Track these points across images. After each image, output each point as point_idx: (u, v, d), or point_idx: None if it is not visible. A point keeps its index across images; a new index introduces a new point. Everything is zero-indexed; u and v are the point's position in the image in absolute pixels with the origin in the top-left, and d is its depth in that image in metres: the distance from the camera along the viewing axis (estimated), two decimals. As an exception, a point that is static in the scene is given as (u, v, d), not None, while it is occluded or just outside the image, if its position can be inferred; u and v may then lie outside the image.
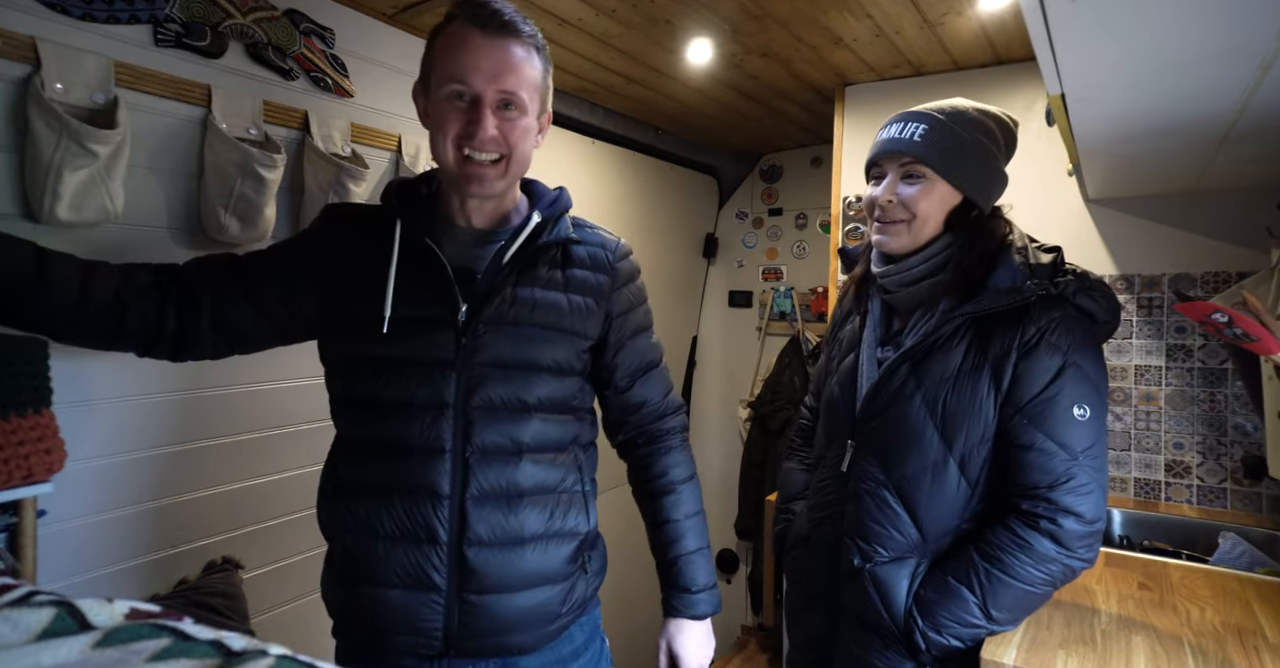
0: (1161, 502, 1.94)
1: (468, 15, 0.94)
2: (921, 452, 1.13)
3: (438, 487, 0.97)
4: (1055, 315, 1.08)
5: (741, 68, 2.18)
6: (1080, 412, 1.05)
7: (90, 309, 0.93)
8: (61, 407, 1.16)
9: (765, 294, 3.46)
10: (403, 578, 0.97)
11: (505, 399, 1.00)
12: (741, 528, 3.29)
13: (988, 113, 1.16)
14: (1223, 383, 1.89)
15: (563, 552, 1.05)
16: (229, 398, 1.55)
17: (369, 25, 1.75)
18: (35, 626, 0.43)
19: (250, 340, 1.07)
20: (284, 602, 1.65)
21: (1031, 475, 1.06)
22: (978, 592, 1.07)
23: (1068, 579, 1.07)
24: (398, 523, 0.98)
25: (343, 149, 1.66)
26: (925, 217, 1.13)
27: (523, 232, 1.03)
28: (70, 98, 1.21)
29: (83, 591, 1.29)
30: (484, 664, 1.03)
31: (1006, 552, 1.06)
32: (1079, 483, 1.04)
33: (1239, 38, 0.83)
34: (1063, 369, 1.06)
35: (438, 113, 0.97)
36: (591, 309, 1.08)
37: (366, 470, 1.01)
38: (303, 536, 1.70)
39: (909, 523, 1.14)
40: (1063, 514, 1.03)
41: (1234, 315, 1.07)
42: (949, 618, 1.08)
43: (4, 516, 1.11)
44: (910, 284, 1.18)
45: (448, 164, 0.98)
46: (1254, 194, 1.84)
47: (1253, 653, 1.08)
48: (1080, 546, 1.04)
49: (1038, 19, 0.80)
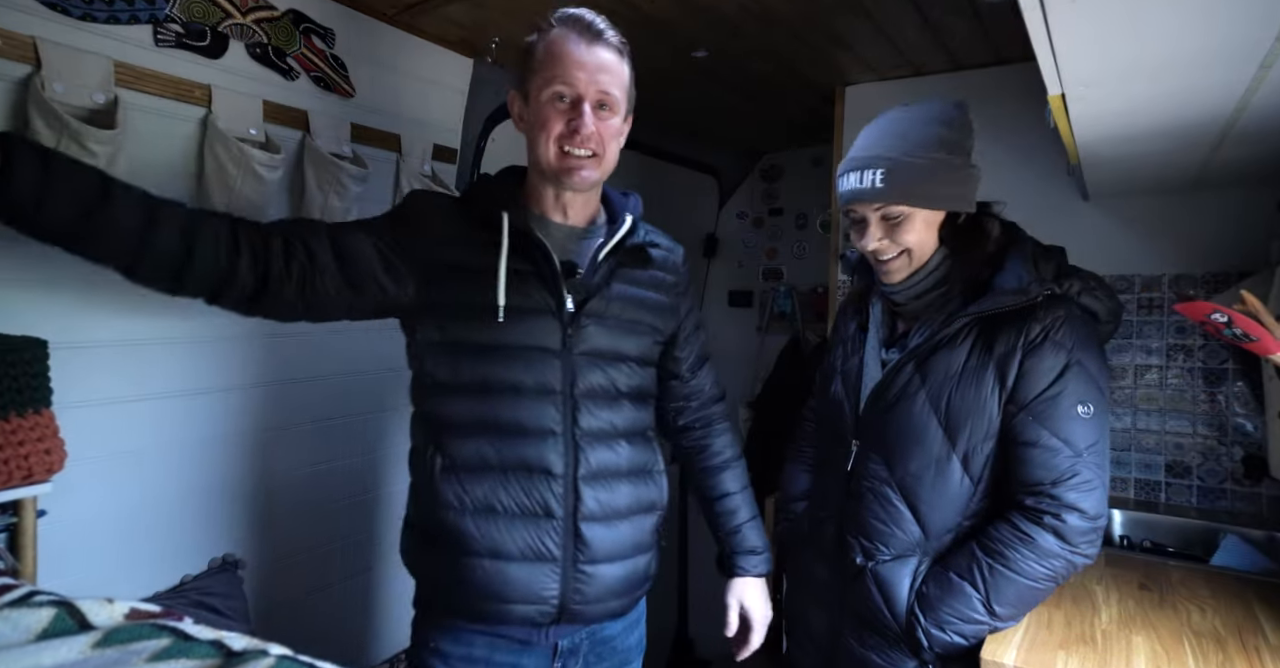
0: (1162, 502, 1.94)
1: (564, 26, 1.06)
2: (925, 449, 1.15)
3: (552, 466, 1.07)
4: (1060, 314, 1.09)
5: (742, 68, 2.18)
6: (1084, 409, 1.07)
7: (157, 242, 0.90)
8: (61, 407, 1.16)
9: (765, 294, 3.46)
10: (522, 551, 1.05)
11: (604, 387, 1.11)
12: (742, 528, 3.29)
13: (934, 116, 1.15)
14: (1223, 383, 1.89)
15: (650, 524, 1.18)
16: (229, 398, 1.55)
17: (369, 25, 1.75)
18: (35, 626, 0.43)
19: (328, 310, 1.08)
20: (284, 602, 1.65)
21: (1035, 472, 1.07)
22: (981, 587, 1.08)
23: (1069, 574, 1.08)
24: (515, 500, 1.06)
25: (343, 149, 1.67)
26: (919, 246, 1.16)
27: (619, 231, 1.14)
28: (70, 98, 1.21)
29: (83, 591, 1.29)
30: (583, 631, 1.16)
31: (1010, 547, 1.07)
32: (1082, 480, 1.05)
33: (1239, 37, 0.83)
34: (1067, 367, 1.07)
35: (539, 114, 1.07)
36: (667, 307, 1.22)
37: (479, 450, 1.06)
38: (304, 534, 1.70)
39: (911, 521, 1.16)
40: (1066, 510, 1.05)
41: (1233, 316, 1.07)
42: (951, 614, 1.09)
43: (4, 516, 1.11)
44: (918, 297, 1.20)
45: (549, 160, 1.07)
46: (1254, 194, 1.83)
47: (1253, 654, 1.08)
48: (1083, 541, 1.05)
49: (1038, 18, 0.80)
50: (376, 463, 1.88)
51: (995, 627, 1.10)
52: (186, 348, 1.47)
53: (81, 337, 1.30)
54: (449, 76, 1.98)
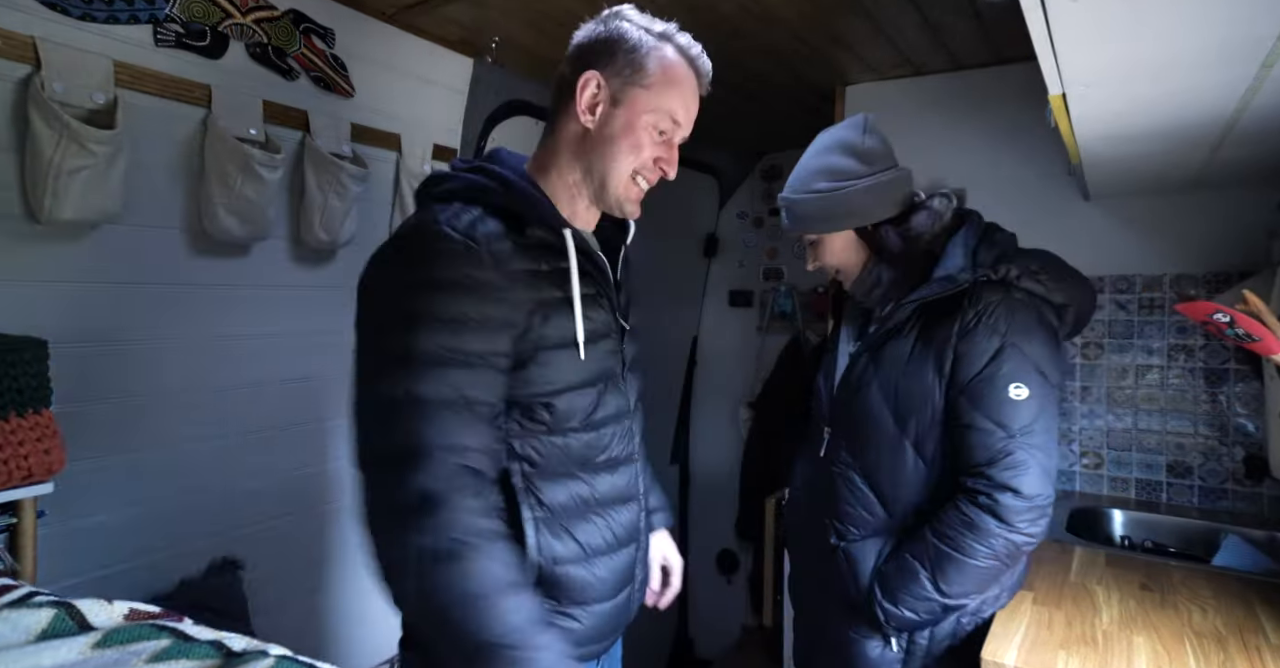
0: (1163, 502, 1.94)
1: (687, 56, 0.98)
2: (881, 435, 1.21)
3: (637, 491, 1.03)
4: (994, 300, 1.13)
5: (742, 68, 2.18)
6: (1018, 392, 1.10)
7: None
8: (61, 407, 1.16)
9: (765, 294, 3.46)
10: (616, 585, 0.99)
11: (641, 398, 1.08)
12: (741, 528, 3.29)
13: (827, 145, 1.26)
14: (1224, 383, 1.89)
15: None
16: (229, 397, 1.55)
17: (369, 25, 1.75)
18: (35, 626, 0.43)
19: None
20: (284, 602, 1.65)
21: (973, 454, 1.12)
22: (928, 566, 1.13)
23: (1014, 553, 1.11)
24: (615, 535, 0.98)
25: (343, 149, 1.67)
26: (842, 262, 1.30)
27: (629, 235, 1.09)
28: (70, 98, 1.21)
29: (83, 591, 1.29)
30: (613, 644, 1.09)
31: (952, 528, 1.11)
32: (1016, 460, 1.08)
33: (1239, 37, 0.83)
34: (1000, 350, 1.11)
35: (633, 134, 0.95)
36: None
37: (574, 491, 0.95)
38: (303, 535, 1.70)
39: (876, 503, 1.22)
40: (999, 490, 1.08)
41: (1235, 316, 1.07)
42: (904, 592, 1.15)
43: (4, 516, 1.11)
44: (868, 294, 1.31)
45: (617, 182, 0.96)
46: (1254, 194, 1.83)
47: (1254, 654, 1.08)
48: (1020, 520, 1.08)
49: (1038, 18, 0.80)
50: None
51: (947, 605, 1.13)
52: (187, 348, 1.47)
53: (81, 337, 1.30)
54: (449, 76, 1.98)
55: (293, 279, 1.68)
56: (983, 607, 1.20)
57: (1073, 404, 2.04)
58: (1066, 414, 2.04)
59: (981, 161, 2.14)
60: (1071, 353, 2.03)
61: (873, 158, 1.23)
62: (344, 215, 1.67)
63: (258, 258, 1.59)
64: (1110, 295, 2.00)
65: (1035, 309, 1.14)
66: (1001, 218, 1.31)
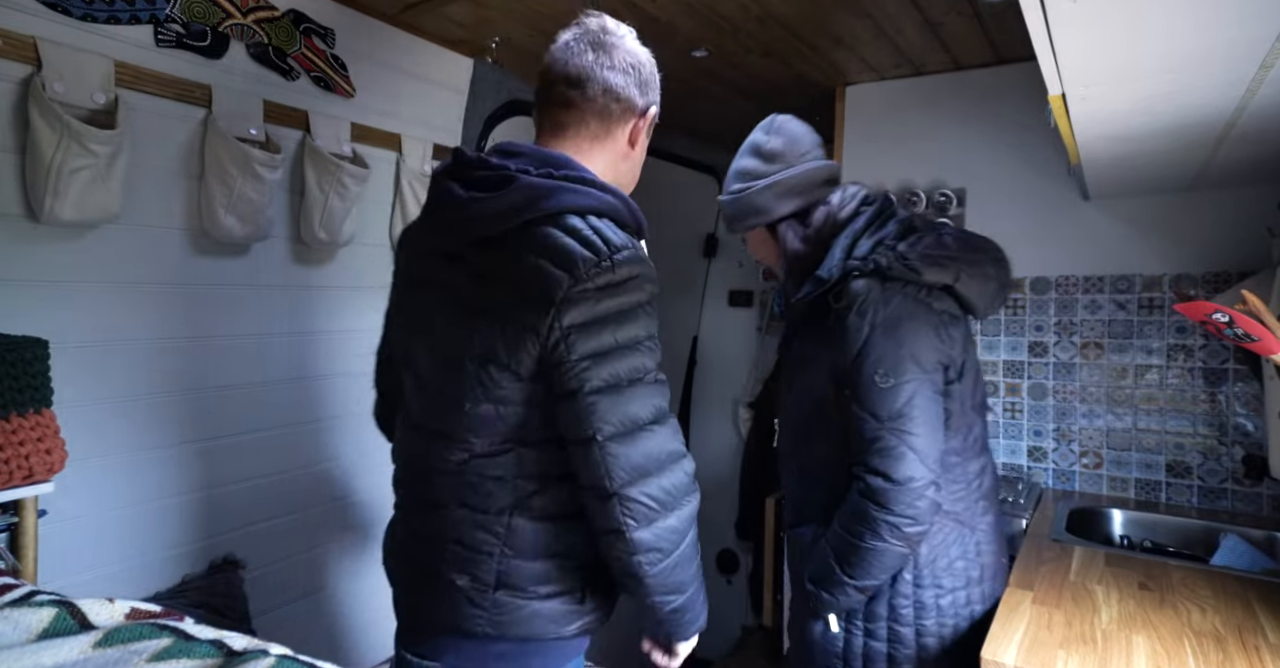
0: (1162, 502, 1.94)
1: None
2: (802, 427, 1.29)
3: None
4: (861, 290, 1.16)
5: (741, 67, 2.18)
6: (883, 380, 1.12)
7: None
8: (62, 407, 1.16)
9: (765, 294, 3.46)
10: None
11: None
12: (741, 528, 3.29)
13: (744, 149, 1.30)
14: (1223, 383, 1.89)
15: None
16: (229, 397, 1.55)
17: (369, 25, 1.75)
18: (36, 625, 0.43)
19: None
20: (284, 602, 1.65)
21: (853, 441, 1.15)
22: (831, 550, 1.18)
23: (898, 536, 1.11)
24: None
25: (343, 149, 1.67)
26: (764, 257, 1.37)
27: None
28: (71, 98, 1.21)
29: (83, 591, 1.29)
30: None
31: (844, 514, 1.17)
32: (885, 446, 1.11)
33: (1239, 37, 0.83)
34: (867, 340, 1.14)
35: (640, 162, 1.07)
36: None
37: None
38: (304, 535, 1.70)
39: (812, 491, 1.28)
40: (871, 475, 1.12)
41: (1235, 315, 1.07)
42: (821, 574, 1.20)
43: (4, 515, 1.11)
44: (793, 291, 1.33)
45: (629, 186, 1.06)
46: (1254, 194, 1.83)
47: (1254, 653, 1.08)
48: (895, 503, 1.10)
49: (1038, 18, 0.80)
50: (382, 462, 1.88)
51: (858, 587, 1.17)
52: (187, 348, 1.47)
53: (82, 337, 1.30)
54: (449, 76, 1.98)
55: (293, 279, 1.68)
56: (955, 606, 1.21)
57: (1073, 404, 2.04)
58: (1066, 414, 2.05)
59: (981, 161, 2.14)
60: (1070, 352, 2.04)
61: (774, 157, 1.27)
62: (344, 215, 1.67)
63: (258, 257, 1.59)
64: (1110, 295, 2.00)
65: (908, 296, 1.15)
66: (1001, 218, 1.31)
